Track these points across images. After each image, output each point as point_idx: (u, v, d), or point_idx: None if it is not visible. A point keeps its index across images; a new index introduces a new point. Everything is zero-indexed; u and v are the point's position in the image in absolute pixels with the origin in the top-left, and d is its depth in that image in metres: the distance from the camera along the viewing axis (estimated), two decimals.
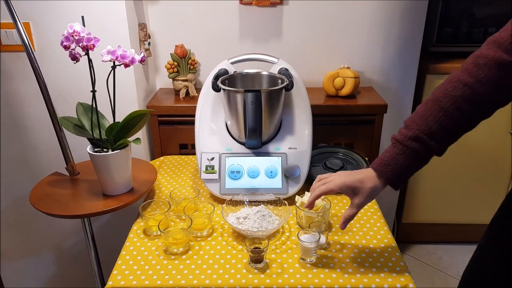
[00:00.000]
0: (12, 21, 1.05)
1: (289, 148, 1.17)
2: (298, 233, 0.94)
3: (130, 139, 1.07)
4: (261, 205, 1.07)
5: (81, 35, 0.95)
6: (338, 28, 1.55)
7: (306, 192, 1.09)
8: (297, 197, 1.09)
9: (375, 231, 1.04)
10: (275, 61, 1.23)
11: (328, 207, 1.04)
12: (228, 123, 1.19)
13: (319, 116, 1.43)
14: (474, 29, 1.61)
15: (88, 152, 1.07)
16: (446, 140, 0.80)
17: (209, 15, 1.52)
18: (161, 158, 1.45)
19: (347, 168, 1.26)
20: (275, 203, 1.09)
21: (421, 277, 1.83)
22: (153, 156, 1.57)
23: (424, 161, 0.81)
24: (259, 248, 0.92)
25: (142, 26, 1.44)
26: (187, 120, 1.46)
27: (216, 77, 1.17)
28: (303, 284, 0.87)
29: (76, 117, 1.10)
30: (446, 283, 1.80)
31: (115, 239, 1.39)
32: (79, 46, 0.96)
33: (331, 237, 1.01)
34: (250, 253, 0.91)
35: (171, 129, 1.49)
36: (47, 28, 1.30)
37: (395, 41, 1.58)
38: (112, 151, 1.06)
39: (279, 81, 1.18)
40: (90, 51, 0.97)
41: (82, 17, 0.99)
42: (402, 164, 0.81)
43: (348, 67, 1.54)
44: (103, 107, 1.11)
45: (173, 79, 1.54)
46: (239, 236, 1.02)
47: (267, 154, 1.16)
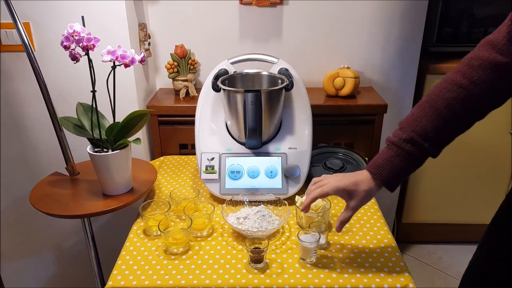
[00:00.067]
0: (12, 21, 1.05)
1: (289, 148, 1.17)
2: (298, 233, 0.94)
3: (130, 139, 1.07)
4: (261, 205, 1.07)
5: (81, 35, 0.95)
6: (338, 28, 1.55)
7: (306, 192, 1.08)
8: (297, 197, 1.09)
9: (375, 231, 1.04)
10: (275, 61, 1.23)
11: (328, 207, 1.04)
12: (228, 123, 1.19)
13: (319, 116, 1.43)
14: (474, 29, 1.61)
15: (88, 152, 1.07)
16: (440, 142, 0.80)
17: (209, 15, 1.52)
18: (161, 158, 1.45)
19: (347, 168, 1.26)
20: (275, 203, 1.09)
21: (421, 277, 1.83)
22: (153, 156, 1.57)
23: (419, 163, 0.82)
24: (259, 248, 0.92)
25: (142, 26, 1.44)
26: (187, 120, 1.46)
27: (216, 77, 1.17)
28: (303, 284, 0.87)
29: (76, 117, 1.10)
30: (446, 283, 1.80)
31: (115, 239, 1.39)
32: (79, 46, 0.96)
33: (331, 237, 1.01)
34: (250, 253, 0.91)
35: (171, 129, 1.49)
36: (47, 28, 1.30)
37: (395, 41, 1.58)
38: (112, 151, 1.06)
39: (279, 81, 1.18)
40: (90, 51, 0.97)
41: (82, 17, 0.99)
42: (397, 166, 0.81)
43: (348, 67, 1.54)
44: (103, 107, 1.11)
45: (173, 79, 1.54)
46: (239, 236, 1.02)
47: (267, 154, 1.16)
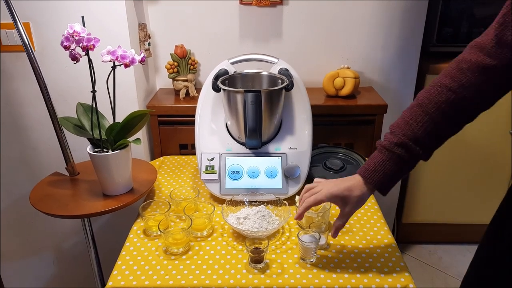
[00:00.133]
0: (12, 21, 1.05)
1: (289, 148, 1.17)
2: (298, 233, 0.94)
3: (130, 139, 1.07)
4: (261, 205, 1.07)
5: (81, 35, 0.95)
6: (338, 28, 1.55)
7: (298, 199, 1.08)
8: (297, 197, 1.09)
9: (375, 232, 1.04)
10: (275, 61, 1.23)
11: (328, 207, 1.03)
12: (228, 123, 1.19)
13: (319, 116, 1.43)
14: (474, 29, 1.61)
15: (88, 152, 1.07)
16: (431, 145, 0.81)
17: (209, 15, 1.52)
18: (161, 158, 1.45)
19: (347, 168, 1.26)
20: (275, 203, 1.09)
21: (421, 277, 1.83)
22: (153, 156, 1.57)
23: (410, 166, 0.82)
24: (259, 248, 0.92)
25: (142, 26, 1.44)
26: (187, 120, 1.46)
27: (216, 77, 1.17)
28: (303, 284, 0.87)
29: (76, 117, 1.10)
30: (446, 283, 1.80)
31: (115, 239, 1.39)
32: (79, 46, 0.96)
33: (331, 238, 1.01)
34: (250, 253, 0.91)
35: (171, 129, 1.49)
36: (47, 28, 1.30)
37: (395, 41, 1.58)
38: (112, 151, 1.06)
39: (279, 81, 1.18)
40: (90, 51, 0.97)
41: (82, 17, 0.99)
42: (389, 170, 0.81)
43: (348, 67, 1.54)
44: (103, 107, 1.11)
45: (173, 79, 1.54)
46: (239, 237, 1.02)
47: (267, 154, 1.16)
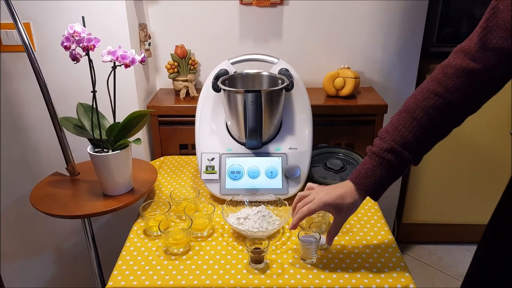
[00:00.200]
0: (12, 21, 1.05)
1: (289, 149, 1.17)
2: (298, 233, 0.94)
3: (131, 139, 1.07)
4: (262, 205, 1.07)
5: (82, 35, 0.95)
6: (338, 28, 1.55)
7: (292, 208, 1.08)
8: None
9: (376, 232, 1.04)
10: (275, 62, 1.23)
11: None
12: (228, 123, 1.19)
13: (319, 116, 1.43)
14: (474, 29, 1.61)
15: (89, 153, 1.07)
16: (420, 150, 0.82)
17: (209, 16, 1.52)
18: (161, 158, 1.45)
19: (347, 168, 1.26)
20: (276, 203, 1.09)
21: (421, 277, 1.83)
22: (153, 157, 1.57)
23: (401, 171, 0.83)
24: (260, 248, 0.92)
25: (143, 27, 1.44)
26: (187, 120, 1.46)
27: (216, 78, 1.17)
28: (303, 284, 0.87)
29: (77, 117, 1.10)
30: (447, 283, 1.80)
31: (115, 240, 1.39)
32: (79, 47, 0.96)
33: None
34: (250, 253, 0.91)
35: (171, 129, 1.49)
36: (47, 28, 1.30)
37: (395, 41, 1.58)
38: (113, 151, 1.06)
39: (279, 81, 1.18)
40: (90, 52, 0.97)
41: (83, 17, 0.99)
42: (380, 176, 0.82)
43: (348, 67, 1.54)
44: (104, 107, 1.11)
45: (173, 79, 1.54)
46: (240, 237, 1.02)
47: (267, 154, 1.16)
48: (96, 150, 1.08)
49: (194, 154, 1.37)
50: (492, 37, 0.71)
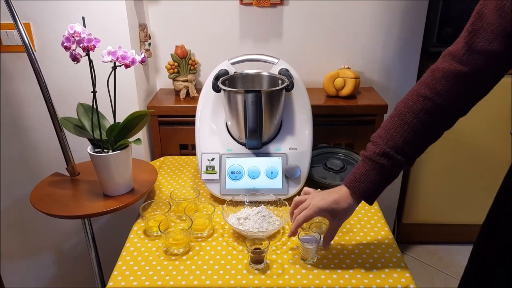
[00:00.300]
0: (12, 22, 1.05)
1: (289, 149, 1.17)
2: (298, 234, 0.94)
3: (131, 139, 1.07)
4: (262, 205, 1.07)
5: (82, 35, 0.95)
6: (338, 28, 1.55)
7: (289, 213, 1.08)
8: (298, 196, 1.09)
9: (376, 232, 1.04)
10: (275, 62, 1.23)
11: None
12: (229, 123, 1.19)
13: (320, 117, 1.43)
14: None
15: (89, 153, 1.07)
16: (413, 153, 0.83)
17: (209, 16, 1.52)
18: (162, 158, 1.45)
19: (347, 168, 1.26)
20: (276, 203, 1.09)
21: (421, 277, 1.83)
22: (153, 157, 1.57)
23: (394, 174, 0.84)
24: (260, 249, 0.92)
25: (143, 27, 1.44)
26: (187, 120, 1.46)
27: (216, 78, 1.17)
28: (303, 285, 0.87)
29: (77, 117, 1.10)
30: (447, 283, 1.80)
31: (115, 240, 1.39)
32: (79, 47, 0.96)
33: None
34: (250, 254, 0.91)
35: (171, 129, 1.49)
36: (47, 29, 1.30)
37: (395, 41, 1.58)
38: (113, 151, 1.06)
39: (280, 81, 1.18)
40: (90, 52, 0.97)
41: (83, 17, 0.99)
42: (374, 180, 0.83)
43: (348, 68, 1.54)
44: (104, 107, 1.11)
45: (174, 79, 1.54)
46: (240, 237, 1.02)
47: (267, 154, 1.16)
48: (96, 150, 1.08)
49: (194, 154, 1.36)
50: (478, 40, 0.72)
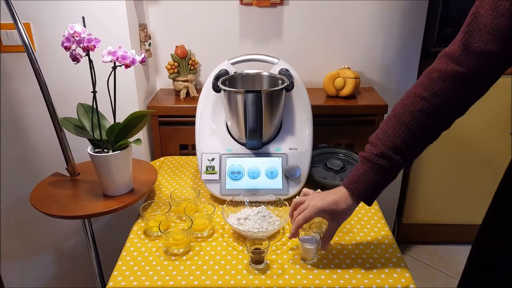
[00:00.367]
0: (12, 22, 1.05)
1: (289, 149, 1.17)
2: (298, 234, 0.94)
3: (131, 139, 1.07)
4: (262, 205, 1.07)
5: (82, 36, 0.95)
6: (338, 28, 1.55)
7: (289, 214, 1.08)
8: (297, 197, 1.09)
9: (376, 232, 1.04)
10: (276, 62, 1.23)
11: None
12: (229, 123, 1.19)
13: (320, 117, 1.43)
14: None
15: (89, 153, 1.07)
16: (411, 154, 0.83)
17: (209, 16, 1.52)
18: (162, 158, 1.45)
19: (347, 168, 1.26)
20: (276, 203, 1.09)
21: (421, 277, 1.83)
22: (153, 157, 1.57)
23: (393, 175, 0.84)
24: (260, 249, 0.92)
25: (143, 27, 1.44)
26: (187, 120, 1.46)
27: (216, 78, 1.17)
28: (304, 285, 0.87)
29: (77, 117, 1.10)
30: (447, 283, 1.80)
31: (115, 240, 1.39)
32: (79, 47, 0.96)
33: (331, 238, 1.01)
34: (250, 254, 0.91)
35: (171, 129, 1.49)
36: (47, 29, 1.30)
37: (395, 41, 1.58)
38: (113, 151, 1.06)
39: (280, 81, 1.18)
40: (90, 52, 0.97)
41: (83, 17, 0.99)
42: (373, 181, 0.84)
43: (348, 68, 1.54)
44: (104, 107, 1.11)
45: (174, 79, 1.54)
46: (240, 237, 1.02)
47: (267, 154, 1.16)
48: (96, 150, 1.08)
49: (194, 154, 1.36)
50: (474, 40, 0.72)
